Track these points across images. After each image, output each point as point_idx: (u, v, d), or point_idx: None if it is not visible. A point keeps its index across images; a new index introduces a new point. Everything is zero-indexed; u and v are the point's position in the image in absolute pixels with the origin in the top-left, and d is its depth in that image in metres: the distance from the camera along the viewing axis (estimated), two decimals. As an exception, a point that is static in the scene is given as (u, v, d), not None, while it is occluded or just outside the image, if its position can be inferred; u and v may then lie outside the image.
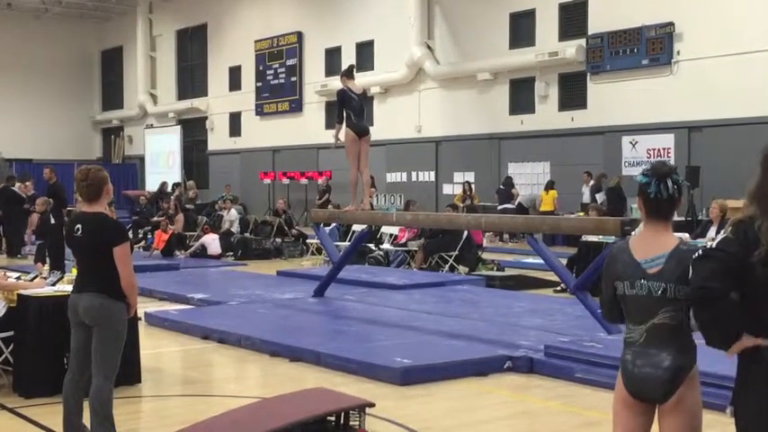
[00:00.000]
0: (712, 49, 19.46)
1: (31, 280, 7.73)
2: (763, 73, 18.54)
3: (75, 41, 39.79)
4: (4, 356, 7.16)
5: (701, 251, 3.12)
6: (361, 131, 11.29)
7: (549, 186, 22.00)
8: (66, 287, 6.95)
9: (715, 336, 3.06)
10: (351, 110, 11.25)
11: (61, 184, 16.98)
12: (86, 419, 5.38)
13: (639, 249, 3.48)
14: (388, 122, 27.30)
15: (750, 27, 18.83)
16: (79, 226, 5.36)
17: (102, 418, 5.19)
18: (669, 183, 3.46)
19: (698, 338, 3.42)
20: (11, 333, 7.10)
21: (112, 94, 40.90)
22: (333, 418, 5.75)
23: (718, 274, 3.00)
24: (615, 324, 3.78)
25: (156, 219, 20.95)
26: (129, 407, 6.68)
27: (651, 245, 3.47)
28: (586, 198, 20.74)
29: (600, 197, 20.18)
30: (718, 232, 12.40)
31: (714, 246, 3.12)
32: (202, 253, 18.49)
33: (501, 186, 23.15)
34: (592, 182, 20.89)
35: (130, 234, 20.72)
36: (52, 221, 15.27)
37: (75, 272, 5.70)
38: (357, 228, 15.31)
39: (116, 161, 38.94)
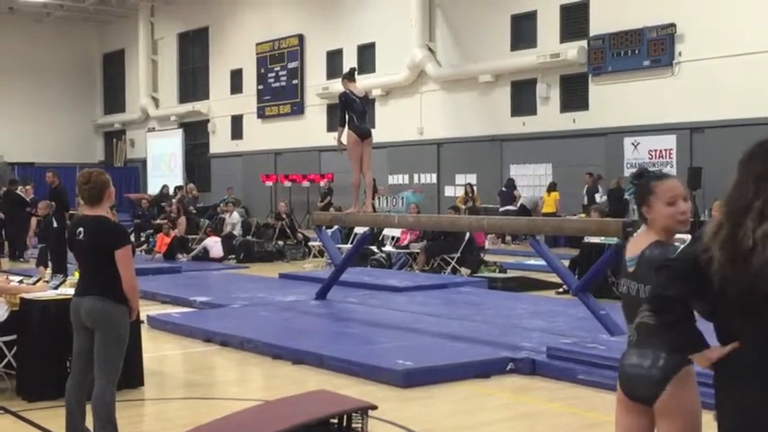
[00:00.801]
0: (714, 50, 19.47)
1: (34, 283, 7.74)
2: (765, 74, 18.54)
3: (77, 45, 39.85)
4: (6, 360, 7.17)
5: (663, 261, 3.15)
6: (363, 134, 11.35)
7: (551, 188, 21.99)
8: (68, 290, 6.96)
9: (680, 340, 3.07)
10: (353, 112, 11.33)
11: (64, 188, 16.99)
12: (89, 423, 5.39)
13: (629, 248, 3.59)
14: (390, 125, 27.30)
15: (751, 28, 18.83)
16: (81, 229, 5.37)
17: (105, 421, 5.19)
18: (632, 186, 3.63)
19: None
20: (14, 337, 7.10)
21: (114, 98, 40.95)
22: (335, 421, 5.75)
23: (673, 280, 3.01)
24: None
25: (158, 222, 20.96)
26: (132, 410, 6.68)
27: (634, 245, 3.56)
28: (587, 199, 20.75)
29: (598, 198, 20.17)
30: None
31: (675, 255, 3.16)
32: (204, 256, 18.51)
33: (503, 188, 23.15)
34: (587, 185, 20.88)
35: (132, 237, 20.84)
36: (54, 225, 15.27)
37: (77, 275, 5.70)
38: (359, 230, 15.31)
39: (118, 164, 38.97)
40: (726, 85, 19.19)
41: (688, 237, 10.70)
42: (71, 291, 6.36)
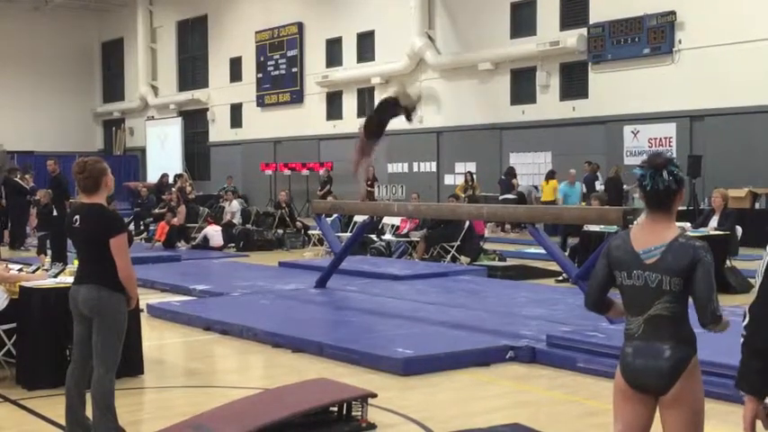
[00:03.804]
0: (714, 38, 19.43)
1: (33, 272, 7.74)
2: (765, 61, 18.51)
3: (76, 33, 39.76)
4: (6, 348, 7.18)
5: None
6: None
7: (550, 176, 21.98)
8: (68, 279, 6.96)
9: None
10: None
11: (64, 176, 16.98)
12: (89, 411, 5.40)
13: (639, 240, 3.47)
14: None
15: (751, 16, 18.79)
16: (77, 217, 5.37)
17: (104, 409, 5.20)
18: (665, 174, 3.42)
19: (696, 328, 3.42)
20: (13, 325, 7.11)
21: (113, 86, 40.89)
22: (335, 409, 5.77)
23: None
24: (598, 311, 3.74)
25: (157, 211, 20.95)
26: (132, 398, 6.69)
27: (650, 236, 3.45)
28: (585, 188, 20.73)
29: (597, 186, 20.17)
30: (719, 222, 12.43)
31: None
32: (204, 244, 18.51)
33: (502, 176, 23.13)
34: (586, 173, 20.87)
35: (132, 226, 20.83)
36: (54, 213, 15.27)
37: (76, 263, 5.70)
38: (358, 218, 15.31)
39: (117, 153, 38.97)
40: (726, 73, 19.17)
41: (687, 225, 10.63)
42: (70, 279, 6.36)
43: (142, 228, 21.04)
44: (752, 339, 2.88)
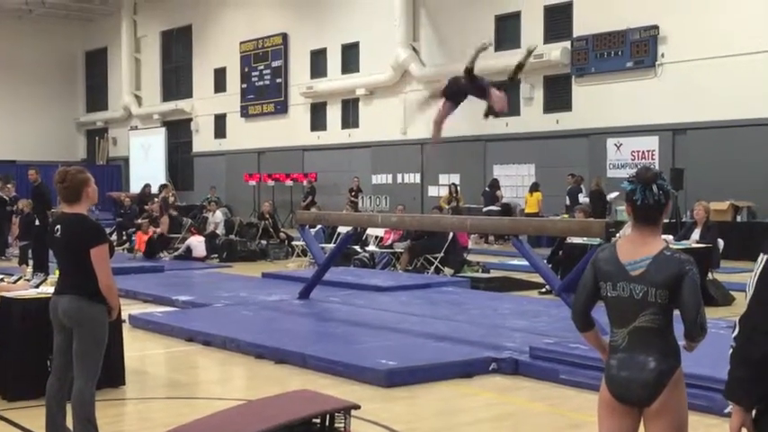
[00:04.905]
0: (696, 52, 19.58)
1: (15, 282, 7.69)
2: (747, 75, 18.66)
3: (59, 42, 39.63)
4: (-14, 359, 7.11)
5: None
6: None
7: (534, 188, 22.04)
8: (49, 289, 6.90)
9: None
10: None
11: (46, 186, 16.87)
12: (70, 422, 5.35)
13: (625, 252, 3.48)
14: (374, 124, 27.33)
15: (733, 30, 18.94)
16: (59, 227, 5.33)
17: (84, 420, 5.16)
18: (654, 188, 3.44)
19: (680, 340, 3.43)
20: (-6, 335, 7.04)
21: (97, 96, 40.76)
22: (318, 421, 5.74)
23: None
24: (582, 324, 3.72)
25: (140, 221, 20.87)
26: (113, 409, 6.64)
27: (637, 248, 3.46)
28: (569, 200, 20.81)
29: (581, 198, 20.25)
30: (701, 234, 12.49)
31: None
32: (187, 255, 18.44)
33: (486, 188, 23.18)
34: (569, 185, 20.96)
35: (114, 236, 20.72)
36: (36, 223, 15.18)
37: (57, 273, 5.67)
38: (342, 230, 15.30)
39: (100, 163, 38.81)
40: (708, 87, 19.30)
41: (670, 237, 10.66)
42: (52, 289, 6.31)
43: (125, 238, 20.95)
44: (741, 350, 2.89)
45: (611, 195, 19.37)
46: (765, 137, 18.46)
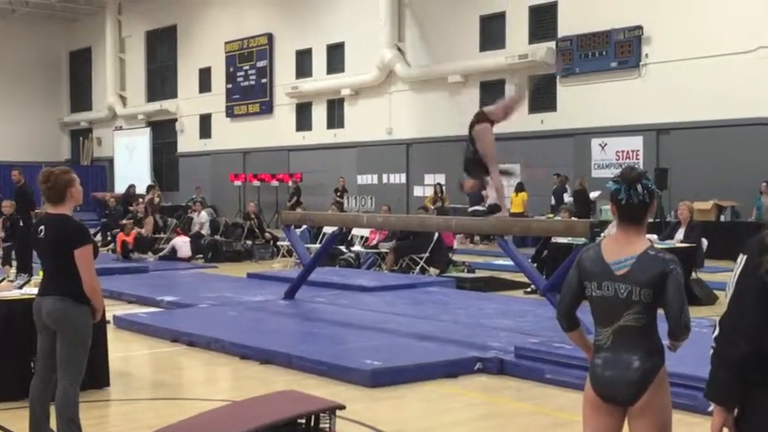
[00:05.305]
0: (680, 53, 19.67)
1: (-2, 283, 7.65)
2: (730, 76, 18.75)
3: (43, 42, 39.42)
4: (-31, 361, 7.07)
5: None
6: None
7: (519, 188, 22.08)
8: (33, 290, 6.87)
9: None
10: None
11: (29, 186, 16.79)
12: (54, 424, 5.33)
13: (610, 251, 3.50)
14: (359, 124, 27.32)
15: (717, 31, 19.03)
16: (42, 227, 5.31)
17: (68, 421, 5.14)
18: (639, 188, 3.46)
19: (664, 339, 3.45)
20: (-23, 337, 7.00)
21: (81, 96, 40.58)
22: (303, 421, 5.73)
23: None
24: (568, 324, 3.73)
25: (124, 221, 20.80)
26: (97, 411, 6.62)
27: (621, 247, 3.48)
28: (554, 200, 20.87)
29: (566, 198, 20.31)
30: (685, 234, 12.54)
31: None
32: (172, 255, 18.37)
33: (472, 188, 23.17)
34: (555, 185, 21.00)
35: (99, 236, 20.63)
36: (20, 224, 15.10)
37: (41, 274, 5.64)
38: (328, 230, 15.28)
39: (85, 163, 38.63)
40: (692, 87, 19.39)
41: (654, 237, 10.71)
42: (36, 290, 6.28)
43: (109, 239, 20.85)
44: (721, 350, 2.91)
45: (594, 195, 19.45)
46: (749, 137, 18.57)
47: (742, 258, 2.93)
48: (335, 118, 28.52)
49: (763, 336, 2.82)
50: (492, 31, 23.78)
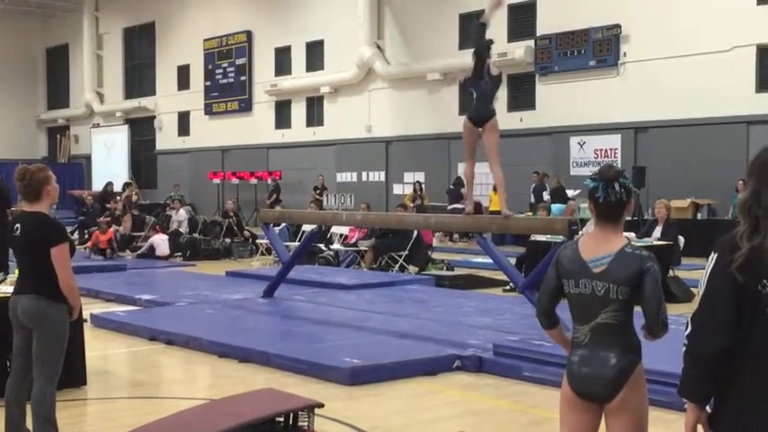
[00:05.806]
0: (658, 51, 19.79)
1: (-27, 281, 7.58)
2: (707, 74, 18.89)
3: (20, 39, 39.13)
4: (-56, 360, 7.00)
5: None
6: (476, 119, 9.74)
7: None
8: (8, 288, 6.81)
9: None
10: (476, 91, 9.72)
11: (5, 184, 16.65)
12: (30, 423, 5.29)
13: (587, 249, 3.51)
14: (338, 122, 27.31)
15: (694, 30, 19.16)
16: (18, 225, 5.26)
17: (44, 421, 5.10)
18: (616, 186, 3.48)
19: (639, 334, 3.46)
20: (-48, 336, 6.93)
21: (58, 93, 40.32)
22: (282, 419, 5.72)
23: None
24: (547, 321, 3.74)
25: (102, 219, 20.68)
26: (74, 410, 6.57)
27: (599, 245, 3.50)
28: (534, 198, 20.92)
29: (545, 196, 20.38)
30: (663, 232, 12.62)
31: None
32: (150, 253, 18.28)
33: (451, 186, 23.24)
34: (534, 183, 21.06)
35: (76, 234, 20.49)
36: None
37: (17, 273, 5.59)
38: (307, 228, 15.26)
39: (62, 161, 38.38)
40: (670, 86, 19.52)
41: (632, 235, 10.77)
42: (11, 289, 6.23)
43: (87, 236, 20.71)
44: (693, 348, 2.94)
45: (571, 194, 19.50)
46: (726, 135, 18.70)
47: (713, 256, 2.96)
48: (315, 116, 28.49)
49: (733, 333, 2.85)
50: (471, 29, 23.80)
